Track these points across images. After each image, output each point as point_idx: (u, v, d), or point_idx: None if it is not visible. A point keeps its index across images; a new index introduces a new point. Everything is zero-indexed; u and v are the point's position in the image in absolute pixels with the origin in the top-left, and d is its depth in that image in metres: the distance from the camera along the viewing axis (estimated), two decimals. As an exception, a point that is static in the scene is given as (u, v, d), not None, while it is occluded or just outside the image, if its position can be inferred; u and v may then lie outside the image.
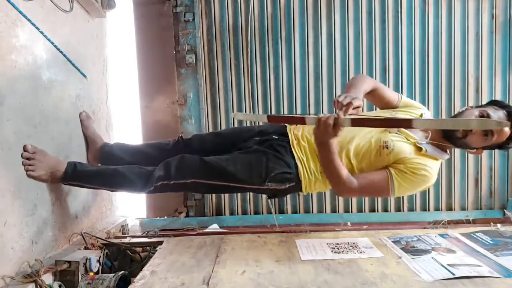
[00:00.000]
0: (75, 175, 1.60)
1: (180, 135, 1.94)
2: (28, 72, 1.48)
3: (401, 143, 1.54)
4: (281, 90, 2.46)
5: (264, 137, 1.73)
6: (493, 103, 1.55)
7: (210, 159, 1.62)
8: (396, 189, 1.50)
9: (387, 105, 1.72)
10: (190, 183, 1.61)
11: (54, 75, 1.67)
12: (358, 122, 1.34)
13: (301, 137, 1.67)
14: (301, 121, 1.49)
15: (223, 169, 1.58)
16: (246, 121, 2.44)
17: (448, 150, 1.61)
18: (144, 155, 1.86)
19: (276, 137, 1.70)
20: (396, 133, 1.57)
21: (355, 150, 1.57)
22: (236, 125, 2.45)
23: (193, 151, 1.76)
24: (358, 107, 1.37)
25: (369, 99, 1.77)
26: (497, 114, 1.45)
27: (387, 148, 1.52)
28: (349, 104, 1.34)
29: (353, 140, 1.58)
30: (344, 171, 1.48)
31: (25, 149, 1.44)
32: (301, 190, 1.66)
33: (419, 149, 1.54)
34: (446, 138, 1.55)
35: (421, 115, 1.66)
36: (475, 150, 1.54)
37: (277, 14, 2.43)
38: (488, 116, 1.44)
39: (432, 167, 1.53)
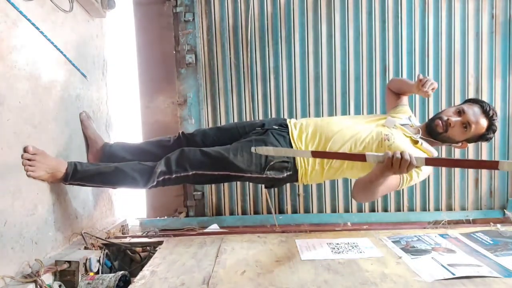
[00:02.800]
0: (76, 175, 1.60)
1: (181, 131, 1.94)
2: (28, 72, 1.48)
3: (399, 136, 1.65)
4: (281, 90, 2.46)
5: (265, 128, 1.80)
6: (468, 100, 1.72)
7: (210, 150, 1.67)
8: (404, 183, 1.60)
9: (394, 105, 1.91)
10: (192, 175, 1.65)
11: (54, 75, 1.68)
12: (432, 162, 1.33)
13: (304, 126, 1.76)
14: (361, 158, 1.36)
15: (223, 159, 1.64)
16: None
17: (434, 148, 1.73)
18: (146, 153, 1.87)
19: (276, 127, 1.78)
20: (393, 127, 1.69)
21: (357, 142, 1.66)
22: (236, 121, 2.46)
23: (196, 146, 1.78)
24: (433, 89, 1.59)
25: (392, 93, 1.94)
26: (472, 109, 1.61)
27: (388, 140, 1.62)
28: (433, 84, 1.56)
29: (356, 134, 1.67)
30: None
31: (26, 150, 1.44)
32: (296, 180, 1.73)
33: (415, 142, 1.66)
34: (431, 135, 1.68)
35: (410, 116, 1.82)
36: (460, 144, 1.67)
37: (277, 14, 2.43)
38: (463, 111, 1.60)
39: None
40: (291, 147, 1.71)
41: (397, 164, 1.27)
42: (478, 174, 2.49)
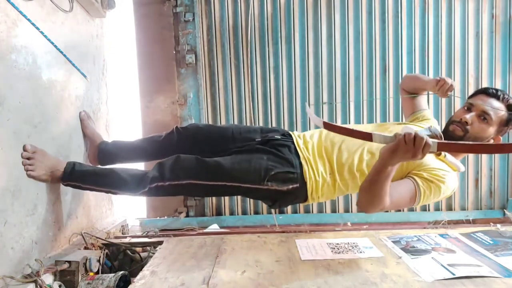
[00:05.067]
0: (73, 175, 1.60)
1: (175, 126, 1.84)
2: (28, 72, 1.48)
3: None
4: (281, 90, 2.46)
5: (264, 134, 1.68)
6: (470, 96, 1.57)
7: (206, 158, 1.56)
8: (421, 199, 1.41)
9: (411, 109, 1.71)
10: (186, 184, 1.53)
11: (54, 75, 1.67)
12: (443, 146, 1.18)
13: (309, 136, 1.62)
14: (367, 137, 1.24)
15: (219, 167, 1.51)
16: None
17: (461, 160, 1.55)
18: (138, 149, 1.84)
19: (279, 137, 1.63)
20: None
21: (368, 151, 1.50)
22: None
23: (186, 139, 1.71)
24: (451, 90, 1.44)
25: (407, 94, 1.72)
26: (480, 98, 1.47)
27: None
28: (451, 86, 1.41)
29: (365, 143, 1.48)
30: (388, 191, 1.32)
31: (25, 149, 1.44)
32: (305, 198, 1.56)
33: (437, 154, 1.48)
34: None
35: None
36: (492, 141, 1.48)
37: (277, 14, 2.43)
38: (471, 105, 1.46)
39: (453, 176, 1.45)
40: (298, 156, 1.54)
41: (411, 142, 1.12)
42: (478, 174, 2.49)
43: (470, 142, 1.38)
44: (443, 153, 1.46)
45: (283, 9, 2.44)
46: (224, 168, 1.51)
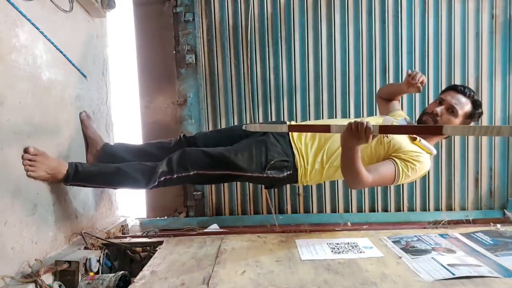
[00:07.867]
0: (77, 176, 1.60)
1: (181, 134, 1.95)
2: (28, 72, 1.48)
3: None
4: (281, 90, 2.46)
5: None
6: (442, 91, 1.78)
7: (211, 150, 1.70)
8: (401, 176, 1.59)
9: (388, 111, 1.98)
10: (193, 175, 1.66)
11: (54, 75, 1.67)
12: (384, 129, 1.40)
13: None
14: (326, 129, 1.50)
15: (225, 158, 1.65)
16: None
17: (435, 145, 1.77)
18: (147, 154, 1.87)
19: None
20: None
21: None
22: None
23: (195, 146, 1.80)
24: (423, 82, 1.71)
25: (383, 101, 2.04)
26: (449, 94, 1.68)
27: (387, 137, 1.64)
28: (421, 76, 1.69)
29: None
30: (362, 169, 1.49)
31: (26, 151, 1.44)
32: (296, 181, 1.73)
33: (413, 138, 1.68)
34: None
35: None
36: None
37: (277, 14, 2.43)
38: (442, 99, 1.68)
39: (426, 156, 1.66)
40: (291, 147, 1.73)
41: (356, 128, 1.33)
42: (478, 174, 2.49)
43: (404, 125, 1.71)
44: (418, 138, 1.68)
45: (283, 9, 2.44)
46: (229, 159, 1.65)
